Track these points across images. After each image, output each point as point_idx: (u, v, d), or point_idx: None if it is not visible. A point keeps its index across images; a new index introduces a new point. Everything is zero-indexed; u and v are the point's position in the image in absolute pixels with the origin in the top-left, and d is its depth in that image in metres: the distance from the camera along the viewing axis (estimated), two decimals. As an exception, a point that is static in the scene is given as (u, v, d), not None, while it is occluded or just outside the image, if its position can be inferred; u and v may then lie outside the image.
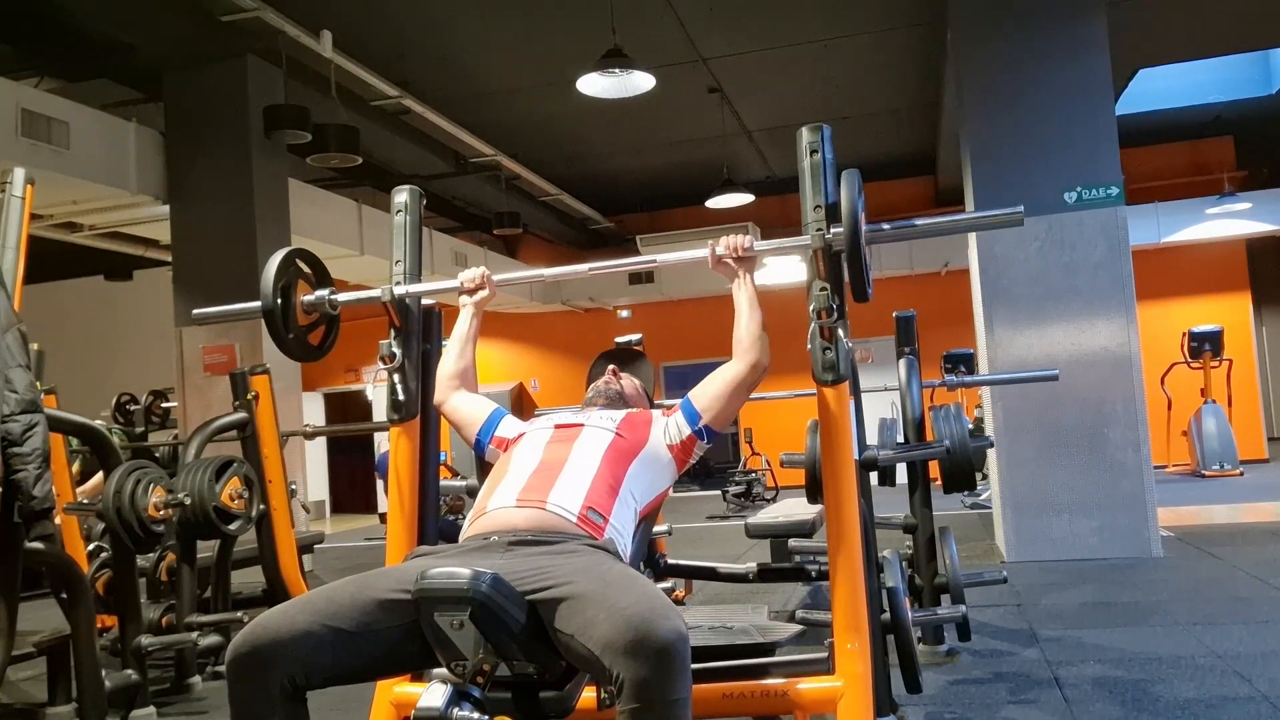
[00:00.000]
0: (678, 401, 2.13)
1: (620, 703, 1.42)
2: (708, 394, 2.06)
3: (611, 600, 1.49)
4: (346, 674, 1.61)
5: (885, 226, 2.01)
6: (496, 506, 1.88)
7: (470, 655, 1.52)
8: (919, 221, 2.07)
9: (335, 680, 1.60)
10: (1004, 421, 5.78)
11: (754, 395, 2.12)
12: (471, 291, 2.28)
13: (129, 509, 3.28)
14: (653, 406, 2.38)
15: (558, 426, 2.09)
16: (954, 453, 3.44)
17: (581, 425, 2.07)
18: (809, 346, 1.96)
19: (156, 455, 6.64)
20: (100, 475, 4.16)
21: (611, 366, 2.40)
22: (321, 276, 2.35)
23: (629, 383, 2.38)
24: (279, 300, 2.20)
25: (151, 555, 3.98)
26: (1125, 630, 3.90)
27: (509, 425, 2.19)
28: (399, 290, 2.23)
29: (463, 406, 2.24)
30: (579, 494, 1.87)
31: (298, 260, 2.30)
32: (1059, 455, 5.65)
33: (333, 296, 2.30)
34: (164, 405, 6.96)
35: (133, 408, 6.81)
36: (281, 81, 6.86)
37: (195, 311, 2.52)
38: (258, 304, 2.22)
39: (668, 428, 2.08)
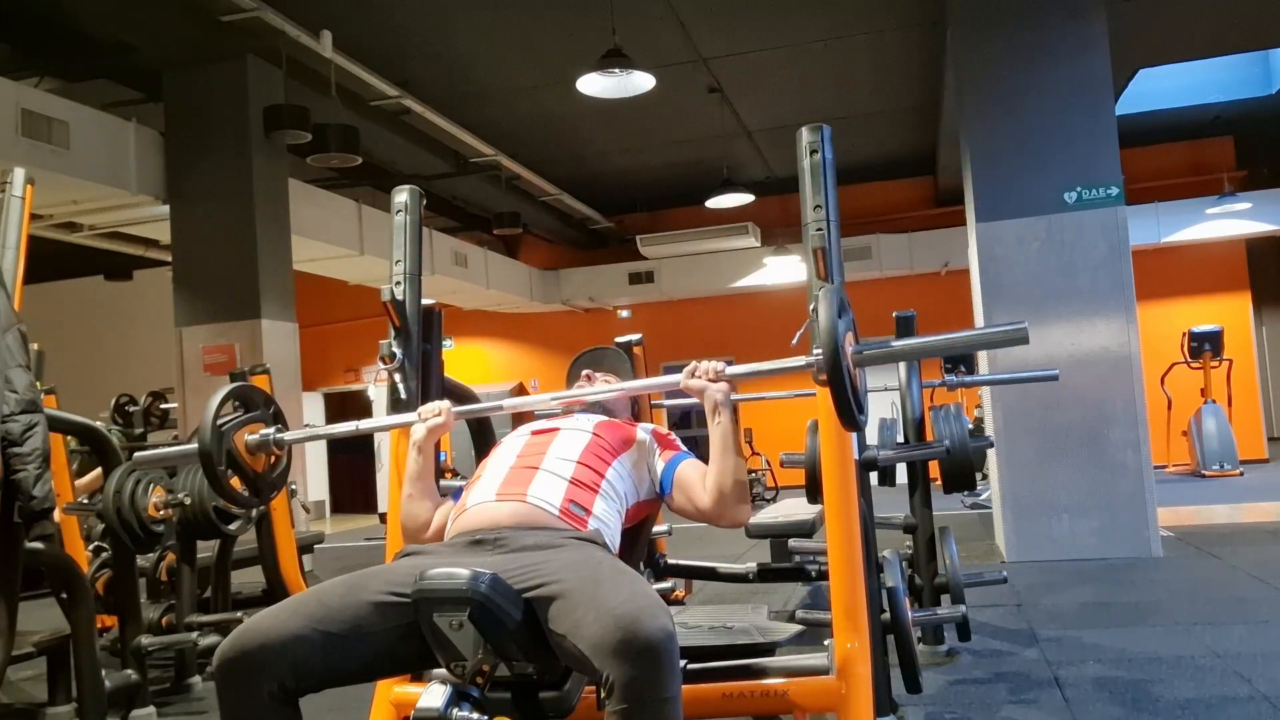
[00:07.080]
0: (673, 452, 2.07)
1: (610, 704, 1.41)
2: (683, 490, 2.00)
3: (600, 599, 1.48)
4: (338, 677, 1.60)
5: (866, 350, 1.76)
6: (477, 502, 1.88)
7: (469, 655, 1.52)
8: (912, 341, 1.92)
9: (327, 683, 1.59)
10: (1004, 421, 5.78)
11: (754, 395, 2.11)
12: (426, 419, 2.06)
13: (129, 509, 3.29)
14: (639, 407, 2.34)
15: (534, 432, 2.07)
16: (954, 453, 3.43)
17: (557, 429, 2.06)
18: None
19: (156, 455, 6.61)
20: (98, 470, 4.16)
21: (585, 372, 2.37)
22: (271, 411, 2.18)
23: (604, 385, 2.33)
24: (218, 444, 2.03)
25: (151, 555, 3.98)
26: (1125, 630, 3.90)
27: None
28: (399, 290, 2.23)
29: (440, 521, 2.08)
30: (559, 489, 1.87)
31: (239, 398, 2.13)
32: (1059, 455, 5.65)
33: (279, 436, 2.14)
34: (163, 406, 6.95)
35: (132, 408, 6.80)
36: (281, 81, 6.87)
37: (137, 455, 2.40)
38: (194, 446, 2.03)
39: (652, 459, 2.05)
